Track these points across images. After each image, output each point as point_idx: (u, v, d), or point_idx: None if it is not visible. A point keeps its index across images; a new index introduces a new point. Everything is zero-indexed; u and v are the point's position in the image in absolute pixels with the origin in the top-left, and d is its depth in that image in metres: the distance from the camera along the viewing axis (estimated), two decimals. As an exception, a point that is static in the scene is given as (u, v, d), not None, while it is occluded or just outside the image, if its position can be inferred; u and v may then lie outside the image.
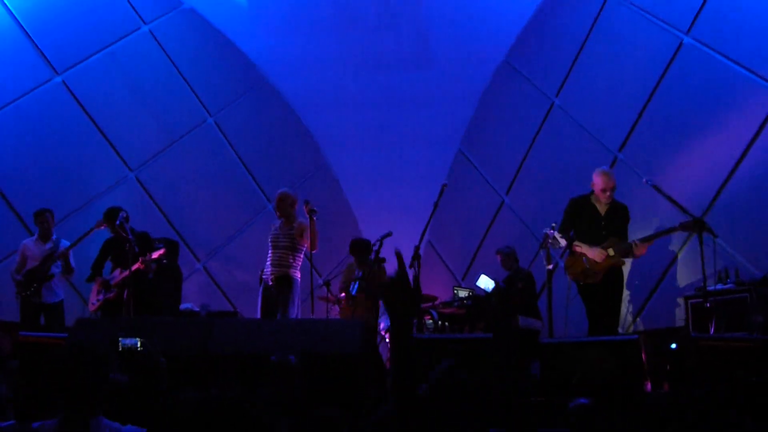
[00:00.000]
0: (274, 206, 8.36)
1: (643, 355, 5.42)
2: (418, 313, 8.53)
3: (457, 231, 12.26)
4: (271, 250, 8.02)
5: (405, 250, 7.62)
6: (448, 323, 9.19)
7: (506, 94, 11.78)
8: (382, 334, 9.56)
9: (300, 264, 8.02)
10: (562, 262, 7.41)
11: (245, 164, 11.85)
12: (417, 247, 7.87)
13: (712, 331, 6.45)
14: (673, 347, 5.56)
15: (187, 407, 2.08)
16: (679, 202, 6.97)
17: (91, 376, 2.92)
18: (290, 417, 4.15)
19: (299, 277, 7.97)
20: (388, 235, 8.11)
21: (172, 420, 2.10)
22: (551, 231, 7.03)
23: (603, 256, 6.93)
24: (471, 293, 9.62)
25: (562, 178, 9.91)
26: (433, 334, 8.53)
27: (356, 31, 11.76)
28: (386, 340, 9.19)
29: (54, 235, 8.57)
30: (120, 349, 5.54)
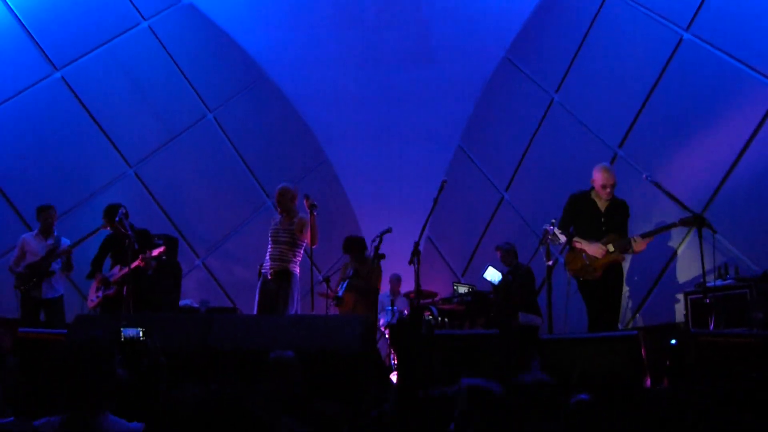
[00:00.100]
0: (274, 201, 8.30)
1: (643, 351, 5.41)
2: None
3: (456, 227, 12.26)
4: (270, 245, 7.97)
5: (404, 247, 7.68)
6: (447, 319, 9.19)
7: (506, 90, 11.78)
8: (382, 330, 9.58)
9: (300, 259, 7.99)
10: (562, 258, 7.41)
11: (245, 160, 11.85)
12: (416, 243, 7.85)
13: (711, 327, 6.44)
14: (673, 343, 5.55)
15: (187, 404, 2.08)
16: (679, 198, 6.97)
17: (97, 373, 2.91)
18: (290, 413, 4.15)
19: (298, 272, 7.95)
20: (388, 231, 8.09)
21: (173, 416, 2.10)
22: (551, 227, 7.02)
23: (603, 252, 6.92)
24: (471, 289, 9.62)
25: (562, 174, 9.91)
26: (437, 331, 8.50)
27: (356, 28, 11.76)
28: (386, 337, 9.20)
29: (55, 232, 8.60)
30: (122, 340, 5.55)
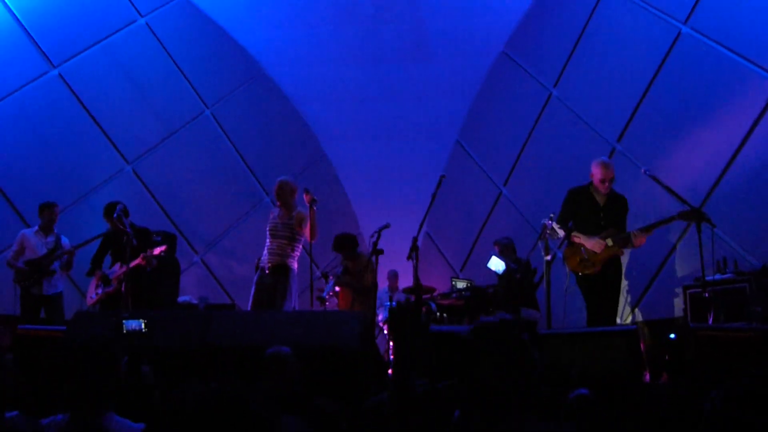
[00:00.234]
0: (273, 195, 8.22)
1: (642, 346, 5.40)
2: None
3: (455, 222, 12.26)
4: (269, 239, 7.88)
5: (403, 242, 7.67)
6: (446, 314, 9.18)
7: (504, 85, 11.77)
8: (380, 326, 9.57)
9: (298, 254, 7.93)
10: (561, 253, 7.40)
11: (242, 157, 11.83)
12: (415, 239, 7.85)
13: (710, 321, 6.43)
14: (672, 337, 5.55)
15: (188, 402, 2.07)
16: (678, 192, 6.95)
17: (101, 373, 2.91)
18: (288, 410, 4.15)
19: (297, 267, 7.88)
20: (386, 227, 8.07)
21: (173, 415, 2.10)
22: (549, 222, 7.01)
23: (601, 247, 6.92)
24: (469, 284, 9.62)
25: (560, 169, 9.91)
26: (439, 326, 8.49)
27: (354, 24, 11.74)
28: (384, 332, 9.19)
29: (55, 230, 8.62)
30: (124, 332, 5.58)
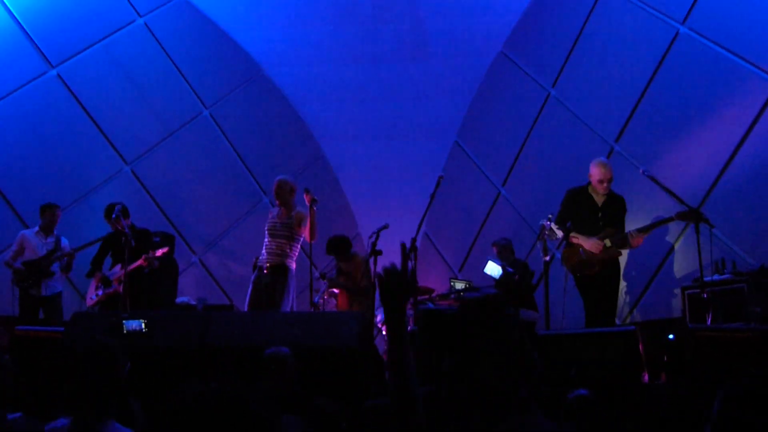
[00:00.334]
0: (272, 195, 8.13)
1: (641, 347, 5.41)
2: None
3: (453, 223, 12.26)
4: (267, 239, 7.84)
5: (401, 242, 7.64)
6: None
7: (502, 85, 11.77)
8: (379, 326, 9.56)
9: (297, 254, 7.90)
10: (559, 254, 7.41)
11: (241, 157, 11.82)
12: (413, 239, 7.84)
13: (709, 321, 6.44)
14: (671, 338, 5.55)
15: (187, 402, 2.07)
16: (676, 193, 6.96)
17: (103, 380, 2.91)
18: (288, 409, 4.15)
19: (295, 267, 7.86)
20: (385, 227, 8.05)
21: (173, 415, 2.10)
22: (548, 222, 7.02)
23: (600, 247, 6.92)
24: (468, 285, 9.62)
25: (559, 169, 9.91)
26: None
27: (352, 23, 11.74)
28: (383, 333, 9.19)
29: (55, 231, 8.63)
30: (124, 332, 5.61)
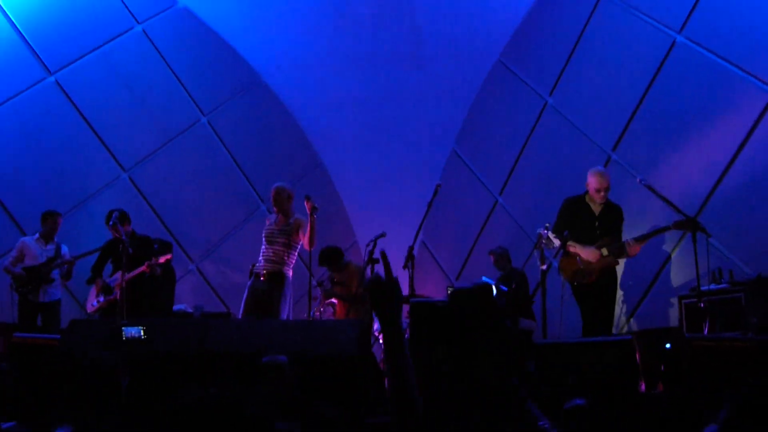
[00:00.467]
0: (269, 202, 8.10)
1: (637, 356, 5.41)
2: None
3: (450, 231, 12.26)
4: (264, 246, 7.83)
5: (399, 250, 7.66)
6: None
7: (500, 93, 11.79)
8: (376, 335, 9.55)
9: (294, 262, 7.91)
10: (556, 263, 7.42)
11: (239, 164, 11.83)
12: (411, 248, 7.85)
13: (706, 331, 6.45)
14: (668, 347, 5.56)
15: (186, 407, 2.07)
16: (673, 202, 6.97)
17: (103, 395, 2.92)
18: (287, 416, 4.15)
19: (291, 275, 7.87)
20: (382, 235, 8.06)
21: (172, 420, 2.10)
22: (545, 231, 7.03)
23: (597, 256, 6.93)
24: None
25: (556, 178, 9.92)
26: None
27: (350, 32, 11.76)
28: (380, 342, 9.18)
29: (55, 238, 8.63)
30: (124, 339, 5.63)
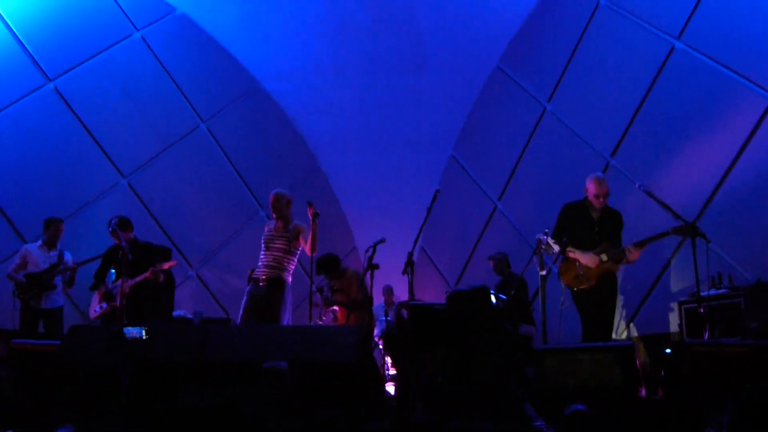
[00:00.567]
0: (269, 208, 8.08)
1: (638, 361, 5.41)
2: None
3: (449, 237, 12.26)
4: (264, 252, 7.83)
5: (398, 256, 7.65)
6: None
7: (499, 99, 11.81)
8: (375, 340, 9.55)
9: (293, 268, 7.91)
10: (556, 268, 7.41)
11: (238, 170, 11.84)
12: (410, 253, 7.84)
13: (706, 336, 6.44)
14: (668, 353, 5.55)
15: (187, 413, 2.08)
16: (672, 207, 6.97)
17: (103, 396, 2.92)
18: (286, 422, 4.15)
19: (290, 281, 7.86)
20: (381, 241, 8.05)
21: (174, 425, 2.10)
22: (544, 237, 7.02)
23: (596, 262, 6.92)
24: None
25: (555, 183, 9.93)
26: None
27: (349, 37, 11.79)
28: (380, 347, 9.18)
29: (58, 245, 8.63)
30: (126, 339, 5.64)
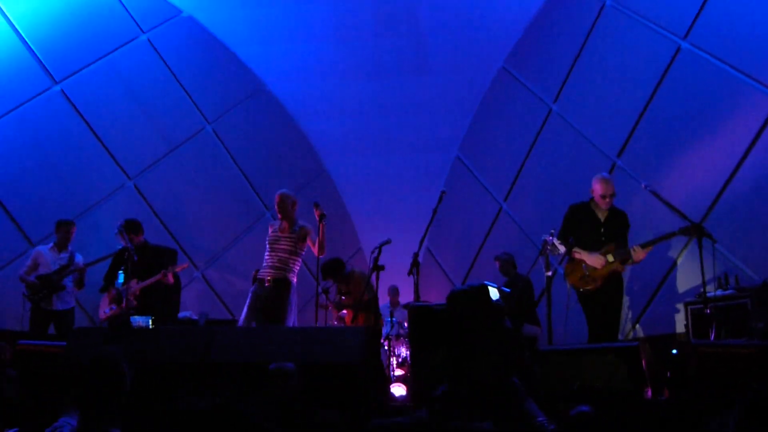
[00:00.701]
0: (274, 208, 8.04)
1: (644, 362, 5.39)
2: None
3: (455, 238, 12.24)
4: (268, 252, 7.78)
5: (404, 257, 7.64)
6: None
7: (504, 100, 11.79)
8: (380, 341, 9.54)
9: (298, 269, 7.88)
10: (561, 269, 7.40)
11: (243, 172, 11.84)
12: (416, 254, 7.83)
13: (712, 337, 6.42)
14: (674, 353, 5.54)
15: (193, 416, 2.07)
16: (678, 208, 6.96)
17: (107, 389, 2.91)
18: (290, 423, 4.15)
19: (296, 282, 7.84)
20: (387, 242, 8.05)
21: (179, 428, 2.10)
22: (550, 237, 7.00)
23: (602, 263, 6.91)
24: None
25: (561, 184, 9.91)
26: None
27: (354, 39, 11.79)
28: (385, 348, 9.16)
29: (69, 247, 8.65)
30: (134, 328, 5.68)
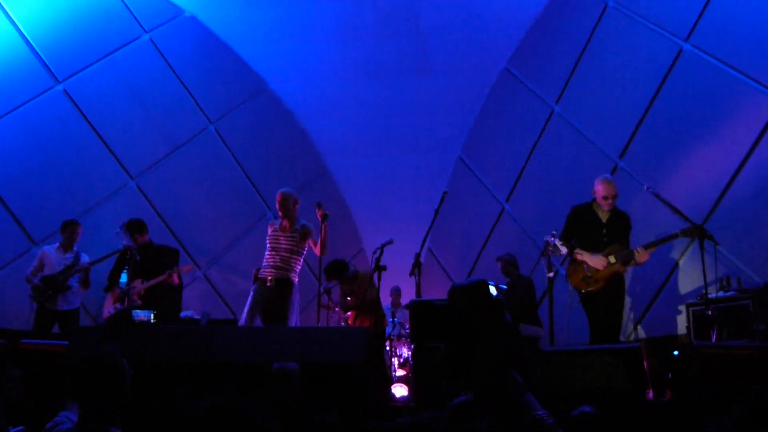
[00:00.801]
0: (276, 206, 7.98)
1: (645, 363, 5.40)
2: None
3: (457, 238, 12.25)
4: (269, 252, 7.76)
5: (405, 258, 7.65)
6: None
7: (506, 101, 11.79)
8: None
9: (299, 268, 7.86)
10: (563, 270, 7.40)
11: (246, 172, 11.85)
12: (418, 255, 7.85)
13: (714, 338, 6.43)
14: (676, 355, 5.54)
15: (194, 416, 2.08)
16: (680, 209, 6.95)
17: (107, 388, 2.91)
18: (291, 424, 4.15)
19: (297, 281, 7.81)
20: (389, 243, 8.06)
21: (181, 429, 2.10)
22: (552, 238, 7.01)
23: (604, 264, 6.91)
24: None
25: (563, 185, 9.91)
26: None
27: (357, 39, 11.79)
28: (386, 349, 9.17)
29: (75, 247, 8.66)
30: (135, 322, 5.69)
